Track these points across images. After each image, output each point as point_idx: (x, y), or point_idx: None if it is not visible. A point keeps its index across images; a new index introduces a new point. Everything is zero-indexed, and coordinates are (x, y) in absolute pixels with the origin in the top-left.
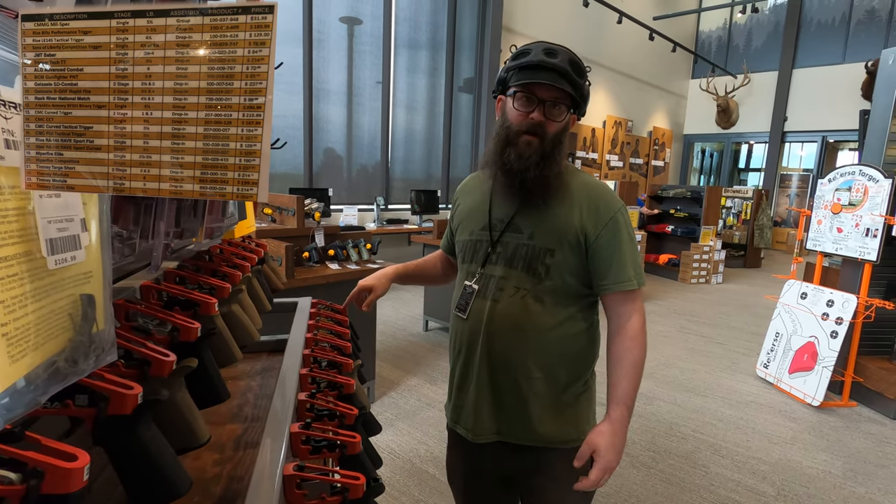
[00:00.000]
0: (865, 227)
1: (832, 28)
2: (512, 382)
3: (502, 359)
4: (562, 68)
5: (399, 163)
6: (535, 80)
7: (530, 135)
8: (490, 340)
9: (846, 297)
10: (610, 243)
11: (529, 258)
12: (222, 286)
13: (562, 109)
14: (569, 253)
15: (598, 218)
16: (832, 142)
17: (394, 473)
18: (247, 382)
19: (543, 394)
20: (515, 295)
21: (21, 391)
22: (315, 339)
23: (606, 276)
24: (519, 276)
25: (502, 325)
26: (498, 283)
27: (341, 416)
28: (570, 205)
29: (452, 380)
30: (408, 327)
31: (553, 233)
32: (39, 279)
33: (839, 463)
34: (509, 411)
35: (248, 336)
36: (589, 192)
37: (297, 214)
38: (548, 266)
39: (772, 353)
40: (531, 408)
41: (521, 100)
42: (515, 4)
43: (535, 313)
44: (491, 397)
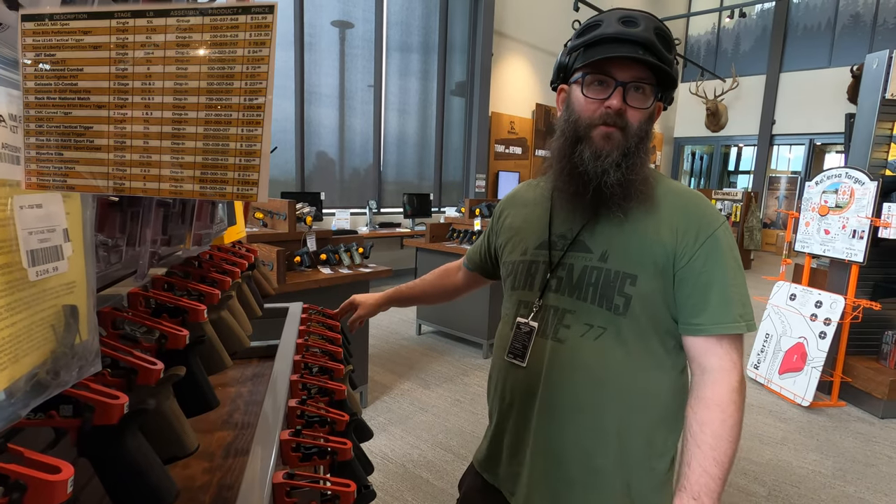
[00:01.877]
0: (852, 229)
1: (818, 33)
2: (579, 451)
3: (571, 421)
4: (645, 39)
5: (391, 166)
6: (610, 56)
7: (608, 126)
8: (552, 393)
9: (834, 298)
10: (707, 269)
11: (602, 286)
12: (211, 292)
13: (647, 93)
14: (656, 280)
15: (694, 235)
16: (819, 144)
17: (387, 478)
18: (237, 389)
19: (627, 463)
20: (588, 334)
21: (1, 405)
22: (306, 344)
23: (701, 313)
24: (590, 310)
25: (574, 375)
26: (562, 318)
27: (332, 423)
28: (657, 218)
29: (500, 438)
30: (401, 331)
31: (634, 253)
32: (20, 290)
33: (829, 462)
34: (570, 487)
35: (238, 343)
36: (681, 202)
37: (288, 219)
38: (628, 297)
39: (762, 353)
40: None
41: (593, 84)
42: (507, 8)
43: (614, 359)
44: (550, 469)
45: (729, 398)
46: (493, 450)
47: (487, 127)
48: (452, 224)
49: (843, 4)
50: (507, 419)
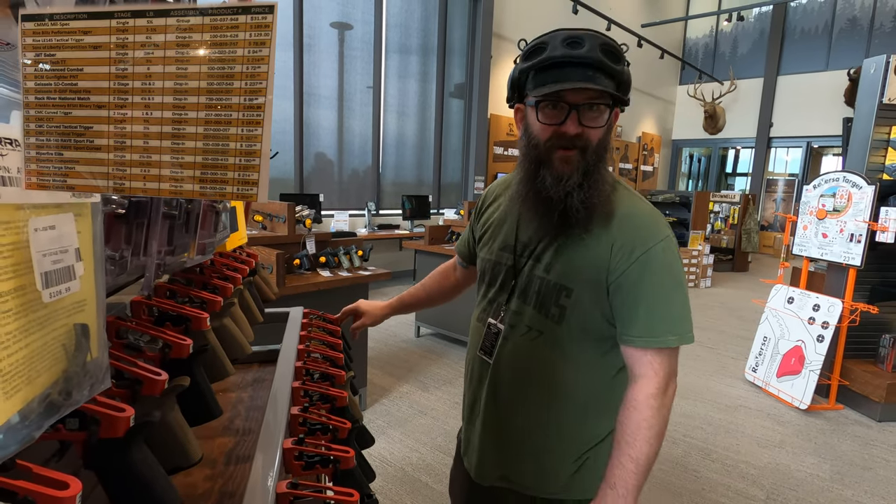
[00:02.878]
0: (850, 233)
1: (815, 36)
2: (517, 430)
3: (510, 403)
4: (593, 59)
5: (390, 168)
6: (560, 86)
7: (566, 150)
8: (497, 380)
9: (832, 302)
10: (639, 285)
11: (543, 295)
12: (214, 300)
13: (601, 111)
14: (590, 293)
15: (629, 251)
16: (816, 147)
17: (386, 482)
18: (237, 394)
19: (553, 447)
20: (527, 335)
21: (15, 427)
22: (307, 350)
23: (631, 326)
24: (532, 315)
25: (510, 367)
26: (512, 318)
27: (334, 430)
28: (599, 230)
29: (464, 403)
30: (399, 333)
31: (573, 268)
32: (33, 312)
33: (826, 466)
34: (517, 459)
35: (240, 350)
36: (627, 221)
37: (287, 221)
38: (563, 308)
39: (760, 357)
40: (540, 457)
41: (547, 110)
42: (506, 11)
43: (548, 360)
44: (496, 441)
45: (646, 402)
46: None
47: (486, 129)
48: (451, 227)
49: (841, 8)
50: (468, 390)
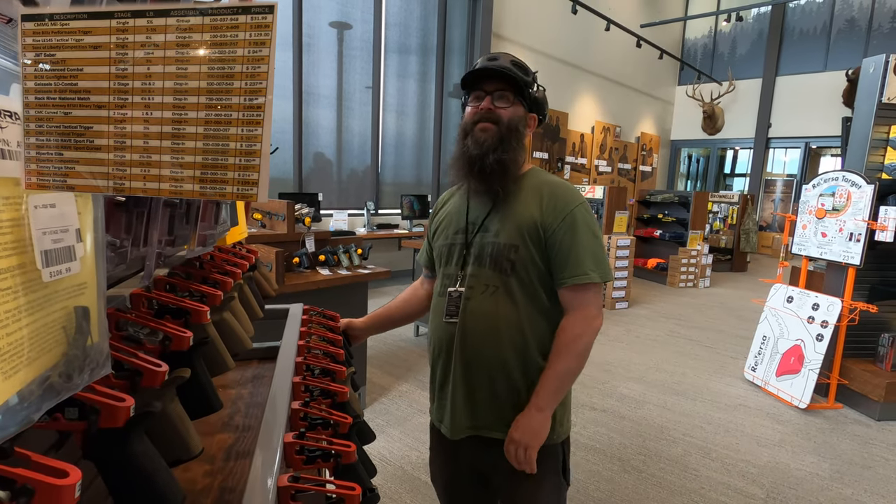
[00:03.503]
0: (849, 232)
1: (814, 37)
2: (485, 377)
3: (476, 355)
4: (502, 66)
5: (389, 167)
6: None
7: (484, 122)
8: (464, 337)
9: (831, 301)
10: (567, 237)
11: (496, 255)
12: (214, 293)
13: (510, 98)
14: (531, 247)
15: (555, 212)
16: (815, 148)
17: (385, 481)
18: (237, 391)
19: (516, 388)
20: (486, 292)
21: (14, 408)
22: (307, 346)
23: (563, 269)
24: (488, 274)
25: (475, 322)
26: (469, 282)
27: (335, 425)
28: (531, 200)
29: (434, 381)
30: (398, 332)
31: (515, 228)
32: (33, 291)
33: (826, 465)
34: (483, 406)
35: (240, 344)
36: (549, 189)
37: (287, 220)
38: (512, 262)
39: (759, 356)
40: (503, 402)
41: (472, 98)
42: (505, 11)
43: (505, 309)
44: (467, 393)
45: (572, 327)
46: (432, 393)
47: None
48: None
49: (839, 9)
50: (437, 365)
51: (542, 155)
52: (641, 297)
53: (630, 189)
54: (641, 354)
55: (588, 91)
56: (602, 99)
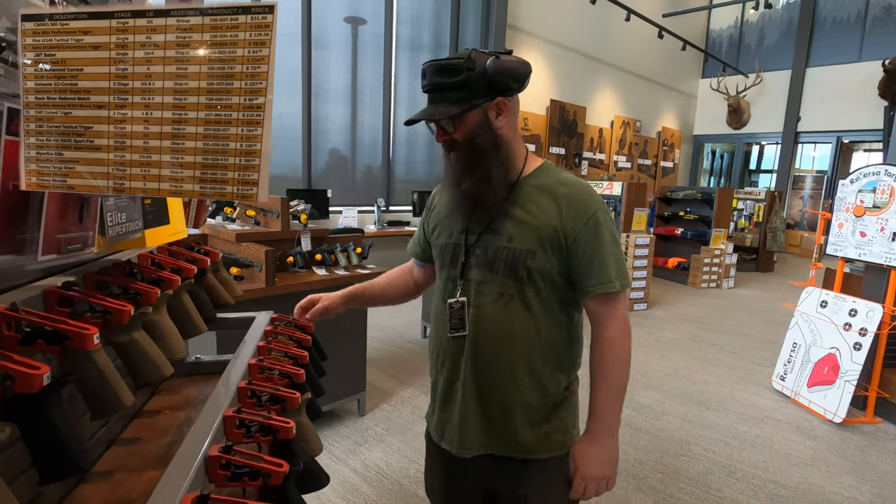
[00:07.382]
0: (892, 231)
1: (847, 25)
2: (499, 393)
3: (489, 368)
4: (433, 85)
5: (401, 164)
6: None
7: (448, 151)
8: (476, 349)
9: (871, 307)
10: (590, 243)
11: (511, 261)
12: (121, 309)
13: (447, 123)
14: (551, 254)
15: (577, 218)
16: (847, 142)
17: (380, 496)
18: (186, 413)
19: (530, 402)
20: (499, 300)
21: None
22: (260, 365)
23: (588, 277)
24: (502, 281)
25: (488, 333)
26: (479, 289)
27: (265, 475)
28: (548, 203)
29: (436, 392)
30: (405, 334)
31: (532, 234)
32: None
33: (866, 488)
34: (497, 423)
35: (153, 372)
36: (566, 191)
37: (281, 217)
38: (529, 269)
39: (789, 364)
40: (517, 417)
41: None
42: (520, 3)
43: (520, 318)
44: (479, 410)
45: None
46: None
47: None
48: None
49: None
50: (439, 378)
51: (560, 150)
52: (661, 298)
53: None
54: (660, 359)
55: (607, 84)
56: (622, 92)
